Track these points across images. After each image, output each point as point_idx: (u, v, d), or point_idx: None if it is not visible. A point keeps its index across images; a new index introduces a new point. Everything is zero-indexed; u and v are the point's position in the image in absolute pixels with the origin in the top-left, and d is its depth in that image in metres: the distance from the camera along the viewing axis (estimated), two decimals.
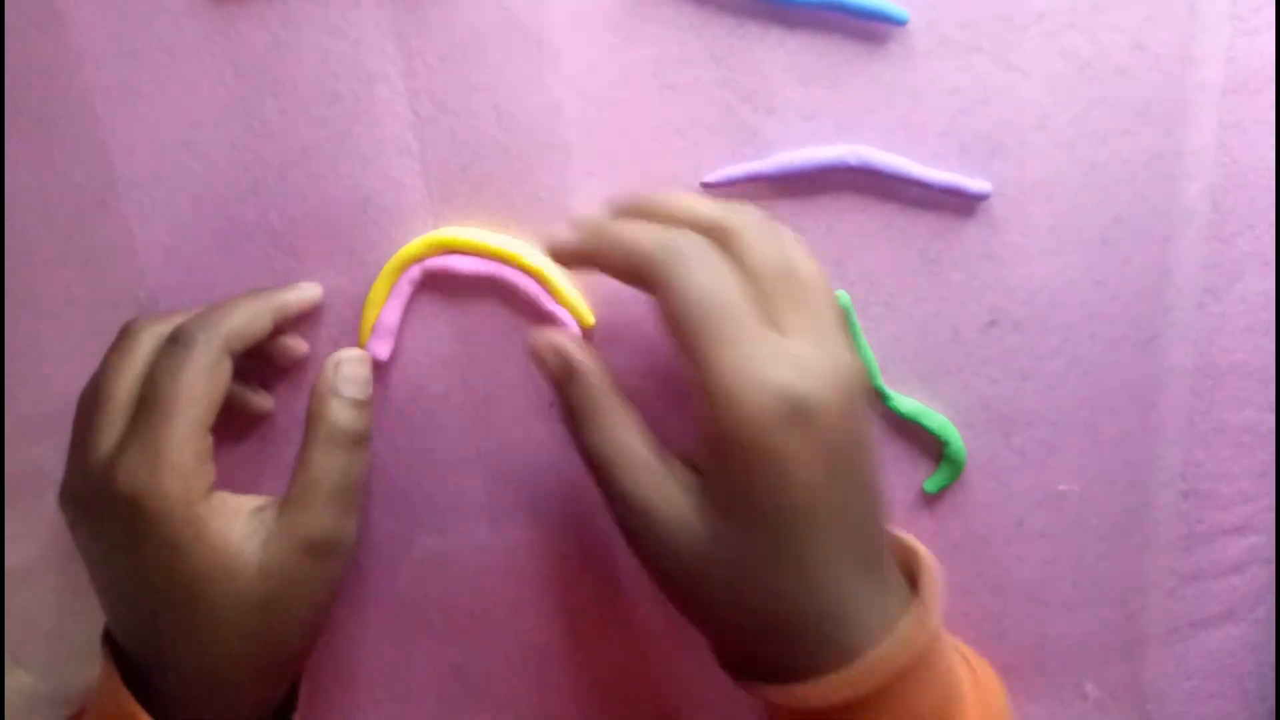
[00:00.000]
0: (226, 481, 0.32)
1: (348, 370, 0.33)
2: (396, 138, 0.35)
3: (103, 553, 0.32)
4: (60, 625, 0.40)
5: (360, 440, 0.33)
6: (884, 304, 0.36)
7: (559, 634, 0.39)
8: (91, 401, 0.32)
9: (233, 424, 0.37)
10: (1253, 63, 0.34)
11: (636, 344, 0.36)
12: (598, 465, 0.30)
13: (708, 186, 0.35)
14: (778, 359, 0.27)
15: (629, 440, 0.30)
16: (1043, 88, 0.34)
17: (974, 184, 0.35)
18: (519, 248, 0.35)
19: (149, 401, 0.31)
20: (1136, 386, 0.37)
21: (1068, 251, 0.35)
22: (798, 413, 0.27)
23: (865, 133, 0.35)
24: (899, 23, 0.34)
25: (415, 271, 0.36)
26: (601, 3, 0.34)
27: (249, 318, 0.33)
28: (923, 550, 0.32)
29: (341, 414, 0.32)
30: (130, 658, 0.33)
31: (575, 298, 0.36)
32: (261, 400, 0.37)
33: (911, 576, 0.31)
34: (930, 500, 0.37)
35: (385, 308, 0.36)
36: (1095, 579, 0.38)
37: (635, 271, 0.29)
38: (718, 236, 0.29)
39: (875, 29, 0.34)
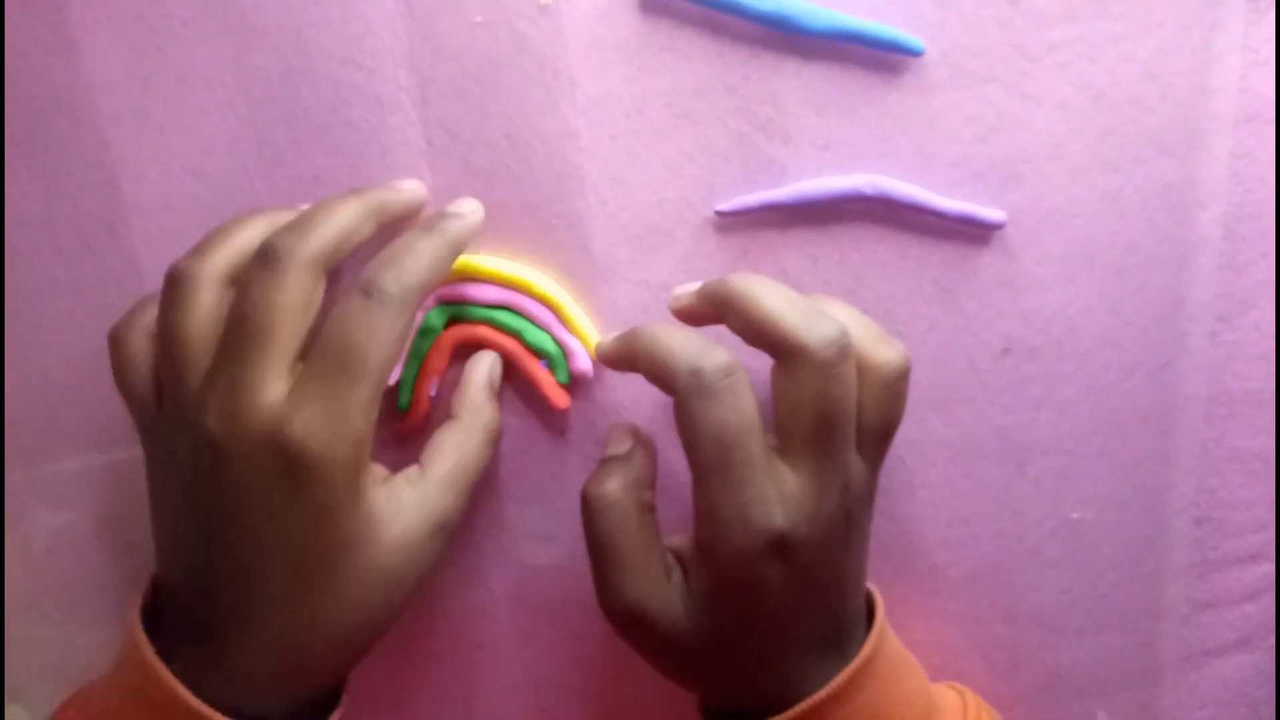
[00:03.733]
0: None
1: (498, 371, 0.36)
2: (410, 167, 0.35)
3: (230, 499, 0.29)
4: (58, 660, 0.39)
5: (499, 436, 0.35)
6: (898, 332, 0.36)
7: (565, 666, 0.39)
8: (249, 333, 0.29)
9: None
10: (1264, 93, 0.34)
11: None
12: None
13: (722, 215, 0.35)
14: (769, 503, 0.29)
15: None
16: (1057, 117, 0.34)
17: (989, 213, 0.35)
18: (533, 276, 0.35)
19: (338, 358, 0.28)
20: (1150, 414, 0.37)
21: (1081, 280, 0.36)
22: (778, 549, 0.30)
23: (880, 162, 0.35)
24: (914, 53, 0.34)
25: (429, 299, 0.35)
26: (617, 32, 0.34)
27: (434, 263, 0.31)
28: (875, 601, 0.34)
29: (496, 411, 0.35)
30: (180, 624, 0.31)
31: (587, 328, 0.36)
32: None
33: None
34: (945, 530, 0.37)
35: None
36: (1109, 607, 0.38)
37: (663, 388, 0.31)
38: (780, 354, 0.30)
39: (890, 59, 0.34)
